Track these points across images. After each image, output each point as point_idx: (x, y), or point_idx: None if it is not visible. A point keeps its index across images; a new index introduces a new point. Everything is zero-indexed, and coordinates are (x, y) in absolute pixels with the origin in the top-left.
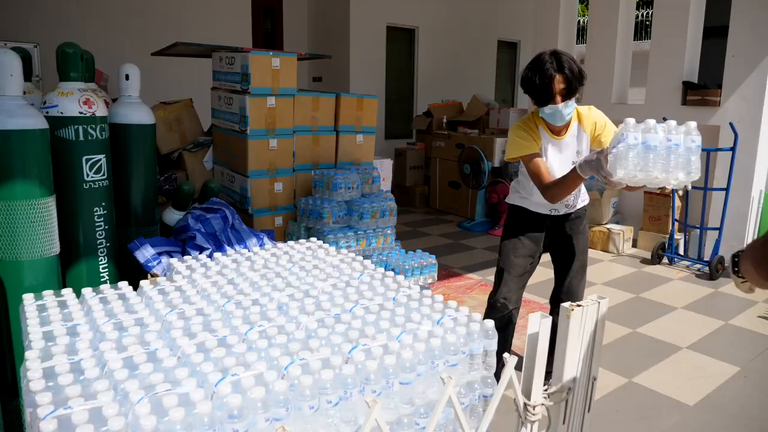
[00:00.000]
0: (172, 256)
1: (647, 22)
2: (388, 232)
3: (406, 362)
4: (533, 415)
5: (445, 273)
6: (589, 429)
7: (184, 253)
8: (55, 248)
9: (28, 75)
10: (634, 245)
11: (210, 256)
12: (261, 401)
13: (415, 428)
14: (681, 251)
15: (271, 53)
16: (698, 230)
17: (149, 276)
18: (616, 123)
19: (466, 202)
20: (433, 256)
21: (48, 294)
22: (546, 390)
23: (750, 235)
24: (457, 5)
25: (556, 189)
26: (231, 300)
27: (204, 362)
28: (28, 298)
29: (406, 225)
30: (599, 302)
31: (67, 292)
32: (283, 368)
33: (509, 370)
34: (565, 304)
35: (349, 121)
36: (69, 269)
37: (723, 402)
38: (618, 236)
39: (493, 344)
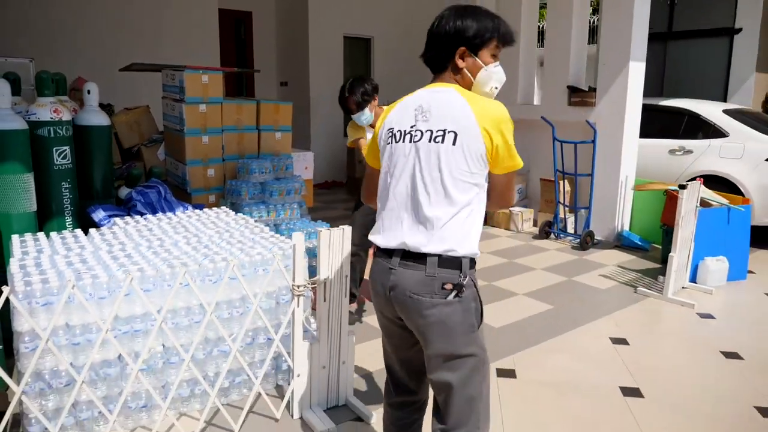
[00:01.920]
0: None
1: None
2: (295, 206)
3: (220, 268)
4: (298, 290)
5: None
6: (345, 308)
7: (129, 216)
8: (33, 207)
9: (17, 91)
10: (535, 224)
11: (145, 218)
12: (137, 279)
13: (243, 308)
14: (570, 229)
15: (201, 71)
16: (577, 210)
17: None
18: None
19: None
20: (327, 224)
21: (28, 235)
22: (309, 279)
23: (619, 213)
24: (410, 16)
25: None
26: (144, 238)
27: (114, 263)
28: (15, 238)
29: (348, 210)
30: (343, 229)
31: (41, 235)
32: (158, 266)
33: (275, 263)
34: (319, 228)
35: (268, 122)
36: (45, 224)
37: (523, 325)
38: (517, 216)
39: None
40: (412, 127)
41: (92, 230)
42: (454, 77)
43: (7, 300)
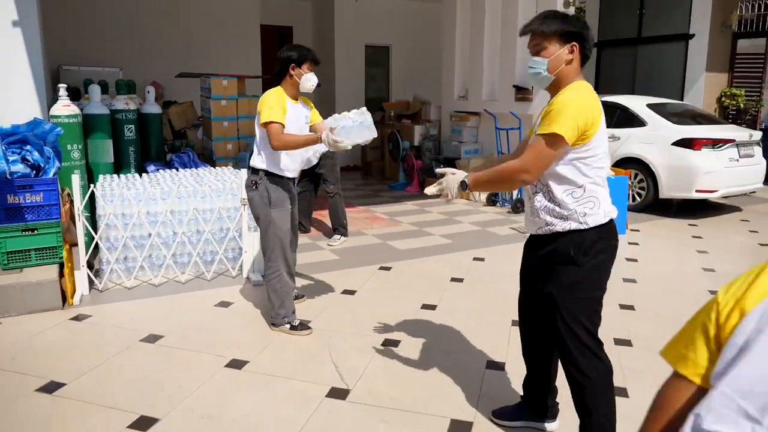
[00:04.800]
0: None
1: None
2: None
3: (207, 193)
4: (243, 201)
5: (364, 211)
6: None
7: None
8: (111, 160)
9: (105, 91)
10: None
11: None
12: (159, 191)
13: (218, 214)
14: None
15: (222, 78)
16: None
17: None
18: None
19: (397, 170)
20: None
21: (107, 176)
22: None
23: None
24: (423, 27)
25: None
26: (172, 178)
27: (150, 186)
28: (100, 176)
29: (359, 187)
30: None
31: (115, 176)
32: (170, 185)
33: (230, 185)
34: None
35: None
36: (118, 172)
37: (420, 249)
38: None
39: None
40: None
41: (144, 175)
42: (289, 81)
43: (93, 202)
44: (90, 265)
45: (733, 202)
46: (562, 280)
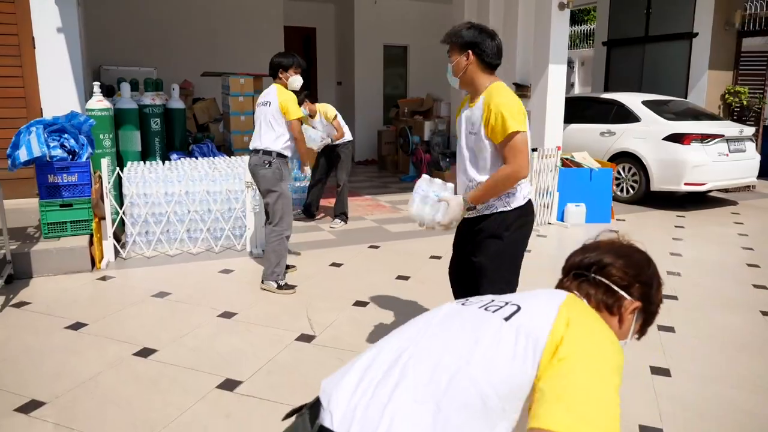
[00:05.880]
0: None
1: None
2: (296, 162)
3: (217, 177)
4: (247, 185)
5: (370, 200)
6: None
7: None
8: (139, 149)
9: (136, 89)
10: None
11: (198, 158)
12: (176, 174)
13: (226, 195)
14: None
15: (239, 77)
16: None
17: None
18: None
19: (409, 164)
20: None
21: (135, 162)
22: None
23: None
24: (439, 27)
25: None
26: (190, 164)
27: (169, 171)
28: (129, 162)
29: (371, 179)
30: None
31: (141, 163)
32: (186, 169)
33: (235, 170)
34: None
35: None
36: (145, 159)
37: (409, 232)
38: None
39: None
40: (262, 100)
41: (166, 162)
42: (280, 80)
43: (121, 183)
44: (116, 237)
45: (732, 197)
46: (489, 251)
